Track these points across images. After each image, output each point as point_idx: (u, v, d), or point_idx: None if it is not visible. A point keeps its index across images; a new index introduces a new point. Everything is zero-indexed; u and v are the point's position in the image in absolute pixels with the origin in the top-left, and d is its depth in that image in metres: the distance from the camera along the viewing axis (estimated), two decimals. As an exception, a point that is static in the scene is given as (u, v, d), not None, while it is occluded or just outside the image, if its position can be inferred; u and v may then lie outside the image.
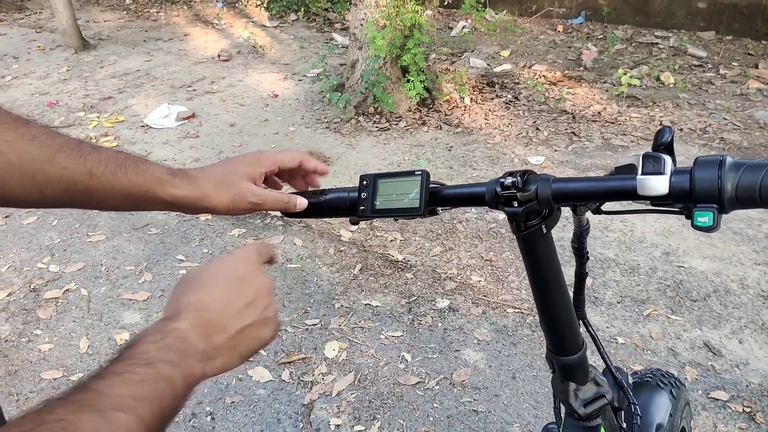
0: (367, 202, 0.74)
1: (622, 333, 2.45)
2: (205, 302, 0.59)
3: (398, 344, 2.35)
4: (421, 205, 0.69)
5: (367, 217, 0.74)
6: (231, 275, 0.62)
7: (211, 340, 0.57)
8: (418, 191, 0.70)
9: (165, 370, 0.50)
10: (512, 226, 0.69)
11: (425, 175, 0.70)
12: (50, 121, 4.67)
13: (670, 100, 4.72)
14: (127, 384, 0.48)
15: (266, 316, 0.63)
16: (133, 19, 7.98)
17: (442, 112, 4.60)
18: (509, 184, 0.64)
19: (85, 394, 0.46)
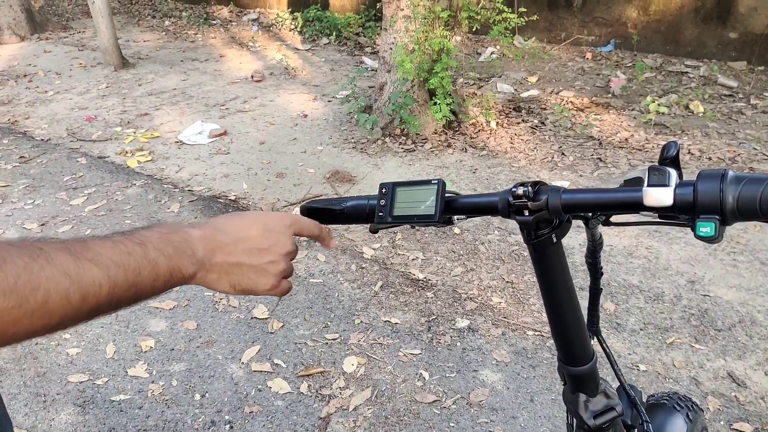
0: (385, 209, 0.77)
1: (644, 360, 2.41)
2: (227, 227, 0.67)
3: (416, 362, 2.36)
4: (437, 212, 0.73)
5: (385, 223, 0.77)
6: (261, 221, 0.70)
7: (213, 255, 0.65)
8: (434, 199, 0.73)
9: (153, 255, 0.57)
10: (523, 235, 0.72)
11: (441, 184, 0.74)
12: (88, 135, 4.85)
13: (698, 129, 4.68)
14: (115, 250, 0.55)
15: (268, 269, 0.69)
16: (171, 39, 8.27)
17: (468, 135, 4.65)
18: (520, 194, 0.67)
19: (77, 243, 0.53)
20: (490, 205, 0.72)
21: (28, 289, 0.46)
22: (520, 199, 0.68)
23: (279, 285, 0.71)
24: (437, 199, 0.73)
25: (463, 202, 0.75)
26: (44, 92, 5.99)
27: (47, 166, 4.24)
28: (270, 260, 0.69)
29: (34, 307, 0.47)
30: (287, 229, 0.72)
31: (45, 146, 4.64)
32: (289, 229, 0.72)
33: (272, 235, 0.69)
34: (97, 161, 4.33)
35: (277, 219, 0.71)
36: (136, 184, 3.95)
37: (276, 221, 0.71)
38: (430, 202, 0.74)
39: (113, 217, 3.51)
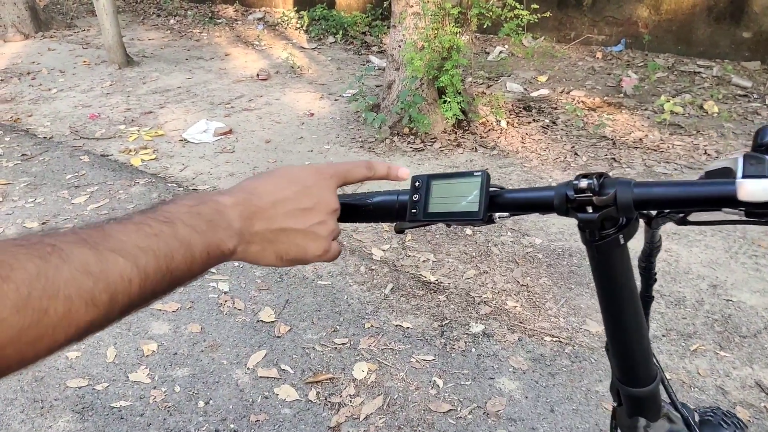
0: (418, 205, 0.68)
1: (667, 368, 2.31)
2: (260, 189, 0.58)
3: (429, 368, 2.26)
4: (481, 209, 0.63)
5: (419, 221, 0.68)
6: (298, 179, 0.60)
7: (251, 223, 0.56)
8: (477, 193, 0.64)
9: (184, 233, 0.49)
10: (583, 236, 0.62)
11: (485, 176, 0.64)
12: (91, 133, 4.77)
13: (714, 129, 4.57)
14: (139, 233, 0.46)
15: (317, 231, 0.60)
16: (176, 38, 8.20)
17: (478, 134, 4.55)
18: (584, 187, 0.58)
19: (93, 231, 0.44)
20: (544, 201, 0.62)
21: (46, 299, 0.37)
22: (583, 193, 0.58)
23: (330, 248, 0.62)
24: (481, 194, 0.63)
25: (511, 197, 0.65)
26: (47, 90, 5.92)
27: (49, 164, 4.16)
28: (318, 221, 0.60)
29: (55, 321, 0.38)
30: (330, 182, 0.63)
31: (47, 144, 4.56)
32: (331, 182, 0.63)
33: (314, 191, 0.61)
34: (100, 159, 4.25)
35: (316, 172, 0.62)
36: (139, 182, 3.86)
37: (316, 175, 0.62)
38: (473, 197, 0.64)
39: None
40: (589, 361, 2.31)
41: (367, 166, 0.67)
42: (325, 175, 0.62)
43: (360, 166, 0.67)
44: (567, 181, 0.60)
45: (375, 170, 0.68)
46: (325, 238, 0.61)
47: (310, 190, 0.60)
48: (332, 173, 0.63)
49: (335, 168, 0.64)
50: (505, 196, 0.65)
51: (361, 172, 0.67)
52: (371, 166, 0.68)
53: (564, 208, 0.60)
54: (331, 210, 0.62)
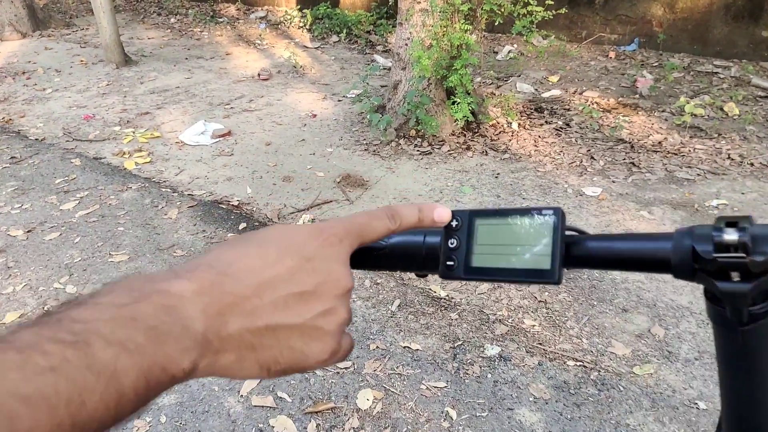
0: (457, 255, 0.47)
1: (702, 396, 2.10)
2: (237, 265, 0.38)
3: (441, 397, 2.05)
4: (555, 264, 0.42)
5: (459, 277, 0.47)
6: (293, 247, 0.40)
7: (223, 322, 0.36)
8: (548, 241, 0.43)
9: (106, 357, 0.30)
10: (715, 310, 0.41)
11: (560, 215, 0.44)
12: (85, 134, 4.58)
13: (736, 132, 4.35)
14: (24, 371, 0.28)
15: (322, 325, 0.40)
16: (176, 37, 8.02)
17: (488, 137, 4.34)
18: (731, 242, 0.37)
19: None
20: (655, 257, 0.41)
21: None
22: (727, 250, 0.37)
23: (340, 347, 0.41)
24: (554, 242, 0.43)
25: (600, 247, 0.44)
26: (42, 90, 5.74)
27: (39, 168, 3.97)
28: (323, 309, 0.40)
29: None
30: (339, 249, 0.42)
31: (38, 146, 4.37)
32: (342, 248, 0.42)
33: (318, 264, 0.40)
34: (92, 162, 4.06)
35: (319, 235, 0.42)
36: (132, 187, 3.66)
37: (318, 239, 0.41)
38: (542, 247, 0.43)
39: (105, 224, 3.23)
40: (617, 389, 2.10)
41: (391, 215, 0.47)
42: (332, 239, 0.42)
43: (380, 217, 0.46)
44: (694, 227, 0.40)
45: (402, 219, 0.47)
46: (334, 333, 0.40)
47: (311, 263, 0.40)
48: (343, 233, 0.43)
49: (346, 225, 0.44)
50: (588, 245, 0.44)
51: (382, 225, 0.46)
52: (396, 214, 0.47)
53: (689, 270, 0.39)
54: (342, 291, 0.41)
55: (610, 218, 3.22)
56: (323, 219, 0.45)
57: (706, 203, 3.37)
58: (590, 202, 3.41)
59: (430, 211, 0.48)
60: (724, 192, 3.51)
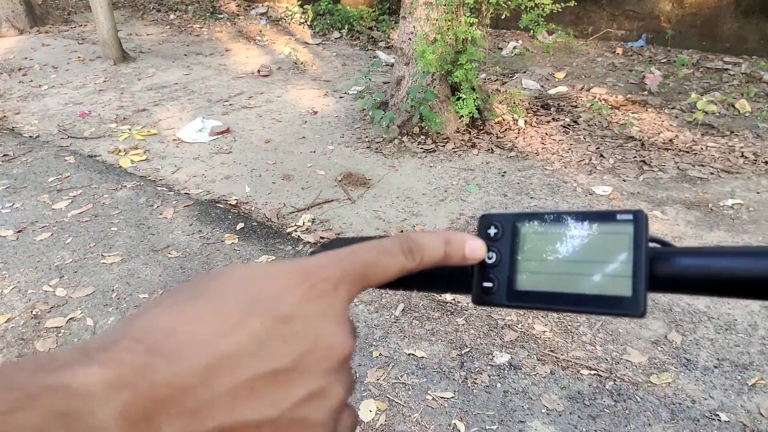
0: (499, 273, 0.36)
1: (723, 407, 1.98)
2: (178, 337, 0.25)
3: (448, 408, 1.94)
4: (639, 291, 0.31)
5: (500, 304, 0.36)
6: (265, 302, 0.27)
7: (153, 428, 0.24)
8: (627, 259, 0.32)
9: None
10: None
11: (642, 222, 0.32)
12: (80, 131, 4.47)
13: (749, 130, 4.23)
14: None
15: (307, 416, 0.27)
16: (175, 33, 7.90)
17: (494, 134, 4.22)
18: None
19: None
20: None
21: None
22: None
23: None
24: (636, 259, 0.31)
25: (699, 266, 0.32)
26: (38, 86, 5.62)
27: (32, 166, 3.86)
28: (307, 393, 0.27)
29: None
30: (334, 301, 0.29)
31: (32, 143, 4.26)
32: (338, 297, 0.29)
33: (299, 326, 0.28)
34: (86, 160, 3.94)
35: (303, 281, 0.28)
36: (126, 186, 3.55)
37: (301, 288, 0.28)
38: (618, 267, 0.32)
39: (98, 224, 3.12)
40: (634, 399, 1.98)
41: (408, 248, 0.33)
42: (322, 286, 0.29)
43: (393, 252, 0.32)
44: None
45: (423, 255, 0.34)
46: (326, 424, 0.28)
47: (290, 325, 0.27)
48: (339, 277, 0.29)
49: (345, 264, 0.30)
50: (680, 262, 0.32)
51: (395, 263, 0.32)
52: (415, 247, 0.33)
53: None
54: (337, 361, 0.28)
55: (622, 218, 3.10)
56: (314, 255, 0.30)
57: (720, 203, 3.26)
58: (601, 201, 3.29)
59: (460, 245, 0.36)
60: (739, 191, 3.39)
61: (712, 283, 0.32)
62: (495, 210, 3.23)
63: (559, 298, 0.33)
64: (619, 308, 0.31)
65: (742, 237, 2.93)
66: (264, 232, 3.05)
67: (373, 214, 3.21)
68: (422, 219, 3.16)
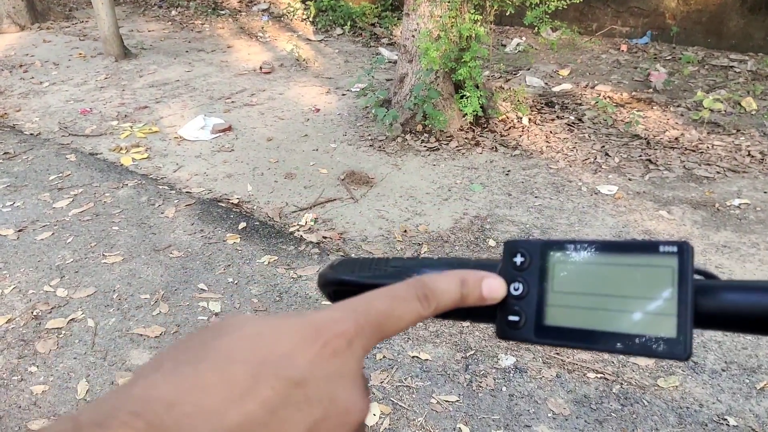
0: (527, 306, 0.33)
1: (732, 411, 1.96)
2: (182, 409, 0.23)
3: (453, 412, 1.91)
4: (684, 331, 0.28)
5: (528, 340, 0.33)
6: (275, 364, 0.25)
7: None
8: (671, 296, 0.29)
9: None
10: None
11: (688, 254, 0.29)
12: (81, 129, 4.45)
13: (755, 128, 4.19)
14: None
15: None
16: (177, 30, 7.86)
17: (498, 132, 4.19)
18: None
19: None
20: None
21: None
22: None
23: None
24: (681, 300, 0.29)
25: (748, 302, 0.29)
26: (39, 83, 5.59)
27: (33, 164, 3.84)
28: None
29: None
30: (348, 359, 0.27)
31: (33, 141, 4.23)
32: (354, 356, 0.27)
33: (313, 390, 0.25)
34: (87, 158, 3.92)
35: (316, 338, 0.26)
36: (128, 184, 3.53)
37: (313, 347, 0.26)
38: (661, 304, 0.29)
39: (99, 223, 3.10)
40: (641, 403, 1.96)
41: (423, 295, 0.31)
42: (336, 343, 0.27)
43: (408, 299, 0.30)
44: None
45: (439, 300, 0.31)
46: None
47: (304, 389, 0.25)
48: (354, 331, 0.27)
49: (358, 317, 0.28)
50: (728, 297, 0.30)
51: (410, 312, 0.30)
52: (430, 293, 0.31)
53: None
54: (353, 426, 0.26)
55: (628, 218, 3.07)
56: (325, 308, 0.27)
57: (727, 202, 3.22)
58: (606, 201, 3.26)
59: (476, 285, 0.33)
60: (746, 191, 3.35)
61: (762, 321, 0.29)
62: (500, 209, 3.20)
63: (594, 337, 0.30)
64: (662, 350, 0.28)
65: (749, 237, 2.90)
66: (266, 231, 3.02)
67: (376, 214, 3.19)
68: (425, 218, 3.13)
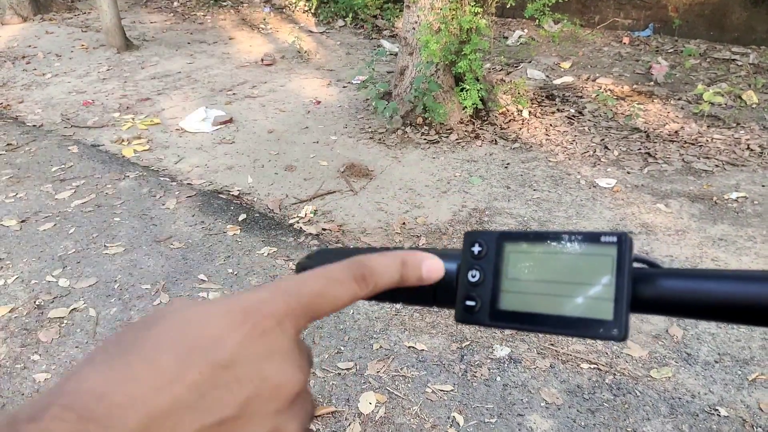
0: (482, 291, 0.36)
1: (723, 402, 1.98)
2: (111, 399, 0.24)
3: (448, 401, 1.95)
4: (620, 316, 0.31)
5: (483, 323, 0.36)
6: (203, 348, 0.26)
7: None
8: (609, 282, 0.31)
9: None
10: None
11: (626, 244, 0.32)
12: (83, 120, 4.47)
13: (755, 122, 4.19)
14: None
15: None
16: (179, 21, 7.87)
17: (498, 125, 4.20)
18: None
19: None
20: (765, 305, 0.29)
21: None
22: None
23: None
24: (619, 286, 0.31)
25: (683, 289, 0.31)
26: (42, 75, 5.62)
27: (35, 155, 3.87)
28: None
29: None
30: (279, 337, 0.28)
31: (36, 133, 4.26)
32: (285, 333, 0.28)
33: (241, 370, 0.26)
34: (89, 150, 3.95)
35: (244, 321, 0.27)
36: (129, 176, 3.56)
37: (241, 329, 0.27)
38: (600, 290, 0.32)
39: (101, 214, 3.13)
40: (633, 393, 1.98)
41: (360, 275, 0.32)
42: (265, 323, 0.28)
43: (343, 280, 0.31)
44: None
45: (377, 281, 0.32)
46: None
47: (232, 370, 0.26)
48: (283, 312, 0.29)
49: (288, 298, 0.29)
50: (664, 284, 0.32)
51: (345, 293, 0.31)
52: (368, 274, 0.32)
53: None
54: (287, 398, 0.27)
55: (625, 211, 3.09)
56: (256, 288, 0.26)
57: (725, 196, 3.24)
58: (604, 194, 3.27)
59: (416, 266, 0.34)
60: (744, 184, 3.36)
61: (696, 307, 0.31)
62: (498, 202, 3.22)
63: (541, 320, 0.33)
64: (601, 332, 0.31)
65: (746, 231, 2.92)
66: (266, 223, 3.05)
67: (376, 206, 3.21)
68: (424, 211, 3.15)
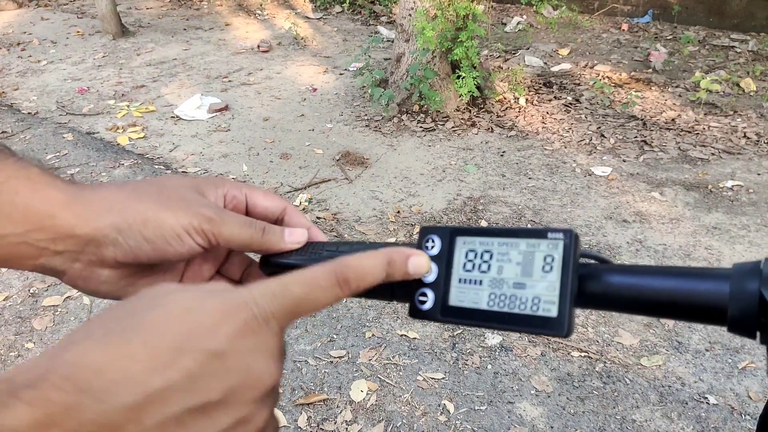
0: (434, 287, 0.36)
1: (713, 390, 2.00)
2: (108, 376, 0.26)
3: (439, 389, 1.96)
4: (564, 312, 0.31)
5: (434, 318, 0.36)
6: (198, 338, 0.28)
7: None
8: (555, 279, 0.31)
9: None
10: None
11: (572, 241, 0.32)
12: (78, 108, 4.46)
13: (753, 110, 4.17)
14: None
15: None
16: (175, 7, 7.81)
17: (494, 113, 4.18)
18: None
19: None
20: (702, 303, 0.29)
21: None
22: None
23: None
24: (563, 283, 0.31)
25: (626, 285, 0.32)
26: (37, 62, 5.59)
27: (30, 143, 3.86)
28: (232, 422, 0.28)
29: None
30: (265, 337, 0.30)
31: (31, 120, 4.25)
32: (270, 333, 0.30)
33: (230, 361, 0.28)
34: (84, 137, 3.94)
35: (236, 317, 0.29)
36: (124, 164, 3.55)
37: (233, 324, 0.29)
38: (546, 286, 0.32)
39: (96, 202, 3.13)
40: (623, 381, 2.00)
41: (344, 280, 0.32)
42: (254, 323, 0.29)
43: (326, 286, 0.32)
44: (762, 262, 0.28)
45: (361, 282, 0.33)
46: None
47: (222, 361, 0.28)
48: (270, 312, 0.30)
49: (276, 300, 0.31)
50: (610, 280, 0.32)
51: (327, 297, 0.32)
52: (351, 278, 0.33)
53: (751, 324, 0.28)
54: (263, 391, 0.30)
55: (620, 200, 3.09)
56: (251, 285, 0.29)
57: (720, 184, 3.23)
58: (599, 182, 3.27)
59: (402, 262, 0.35)
60: (740, 172, 3.36)
61: (639, 303, 0.31)
62: (493, 190, 3.22)
63: (489, 316, 0.33)
64: (545, 328, 0.31)
65: (740, 219, 2.92)
66: (260, 211, 3.05)
67: (371, 194, 3.21)
68: (419, 199, 3.15)
